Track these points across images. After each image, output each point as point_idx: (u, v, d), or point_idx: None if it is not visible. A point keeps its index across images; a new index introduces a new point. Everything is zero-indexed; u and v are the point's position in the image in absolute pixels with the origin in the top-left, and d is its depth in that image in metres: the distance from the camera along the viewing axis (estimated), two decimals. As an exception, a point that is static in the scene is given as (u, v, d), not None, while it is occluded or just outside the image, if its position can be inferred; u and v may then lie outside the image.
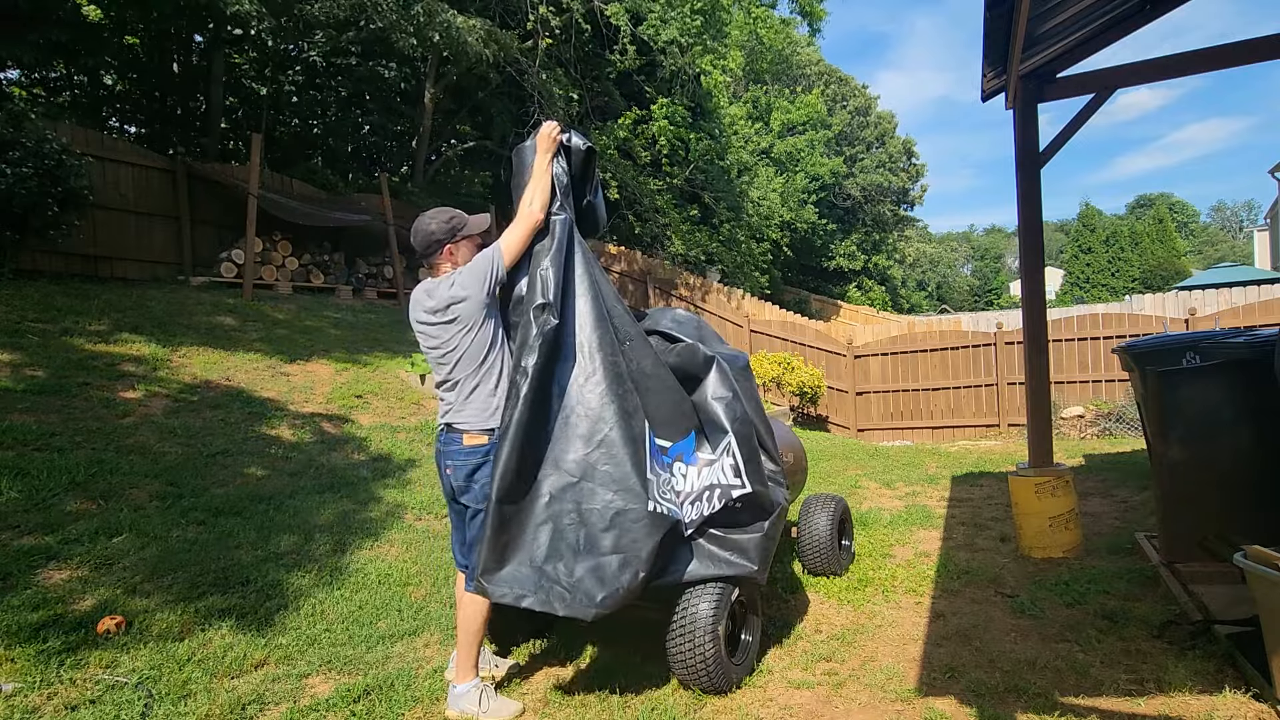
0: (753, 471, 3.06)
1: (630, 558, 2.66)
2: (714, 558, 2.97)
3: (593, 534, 2.70)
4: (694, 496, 3.02)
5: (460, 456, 2.80)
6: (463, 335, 2.81)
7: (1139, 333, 10.01)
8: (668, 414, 3.06)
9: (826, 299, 25.30)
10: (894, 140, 31.27)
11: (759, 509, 3.07)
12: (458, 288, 2.80)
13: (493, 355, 2.83)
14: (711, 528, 3.02)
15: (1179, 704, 2.68)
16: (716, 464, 3.08)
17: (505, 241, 2.87)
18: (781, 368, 11.70)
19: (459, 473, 2.81)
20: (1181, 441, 3.75)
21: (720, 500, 2.99)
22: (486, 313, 2.81)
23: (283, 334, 8.34)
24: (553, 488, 2.75)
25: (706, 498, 3.01)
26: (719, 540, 3.01)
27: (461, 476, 2.80)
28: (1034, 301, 4.79)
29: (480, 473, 2.78)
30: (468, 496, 2.81)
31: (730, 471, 3.04)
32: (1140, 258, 37.18)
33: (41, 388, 5.45)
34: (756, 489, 3.02)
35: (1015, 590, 3.98)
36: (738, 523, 3.05)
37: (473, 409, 2.81)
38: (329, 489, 5.19)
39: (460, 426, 2.82)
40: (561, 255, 2.90)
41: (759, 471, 3.10)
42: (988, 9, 3.77)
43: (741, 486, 3.00)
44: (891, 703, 2.84)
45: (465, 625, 2.81)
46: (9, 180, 6.98)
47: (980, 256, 63.90)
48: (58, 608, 3.28)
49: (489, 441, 2.78)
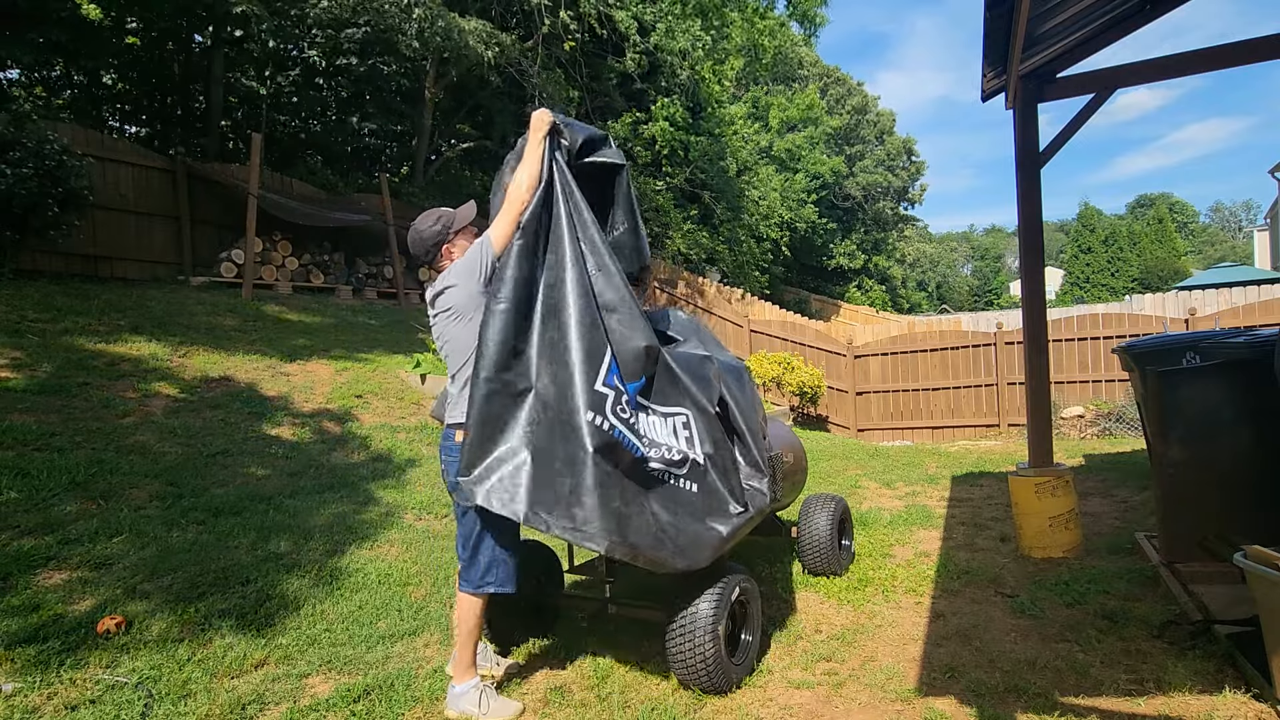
0: (716, 455, 2.99)
1: (574, 469, 2.62)
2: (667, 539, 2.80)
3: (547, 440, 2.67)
4: (653, 443, 2.93)
5: (454, 452, 2.80)
6: (452, 324, 2.81)
7: (1139, 333, 10.01)
8: (629, 353, 2.94)
9: (826, 299, 25.33)
10: (893, 138, 31.30)
11: (717, 502, 2.97)
12: (451, 275, 2.82)
13: None
14: (670, 504, 2.90)
15: (1179, 704, 2.68)
16: (674, 420, 3.00)
17: (494, 231, 2.84)
18: (781, 368, 11.70)
19: (452, 468, 2.80)
20: (1181, 441, 3.74)
21: (679, 455, 2.91)
22: (479, 304, 2.79)
23: (283, 334, 8.34)
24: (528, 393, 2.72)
25: (666, 449, 2.92)
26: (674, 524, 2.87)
27: (454, 473, 2.80)
28: (1034, 301, 4.79)
29: None
30: (460, 493, 2.81)
31: (684, 439, 2.97)
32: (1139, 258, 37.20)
33: (41, 388, 5.45)
34: (714, 475, 2.96)
35: (1015, 590, 3.98)
36: (695, 510, 2.93)
37: (465, 404, 2.80)
38: (329, 489, 5.19)
39: (454, 422, 2.82)
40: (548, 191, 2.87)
41: (725, 460, 3.04)
42: (988, 9, 3.77)
43: (694, 454, 2.94)
44: (891, 703, 2.84)
45: (460, 623, 2.82)
46: (9, 180, 6.98)
47: (980, 256, 63.93)
48: (58, 608, 3.28)
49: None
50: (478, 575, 2.78)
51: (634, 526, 2.68)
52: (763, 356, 12.03)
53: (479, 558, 2.78)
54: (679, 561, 2.74)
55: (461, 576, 2.84)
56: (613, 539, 2.58)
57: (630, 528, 2.66)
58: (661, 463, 2.88)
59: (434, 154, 15.61)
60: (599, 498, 2.60)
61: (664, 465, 2.89)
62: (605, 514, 2.60)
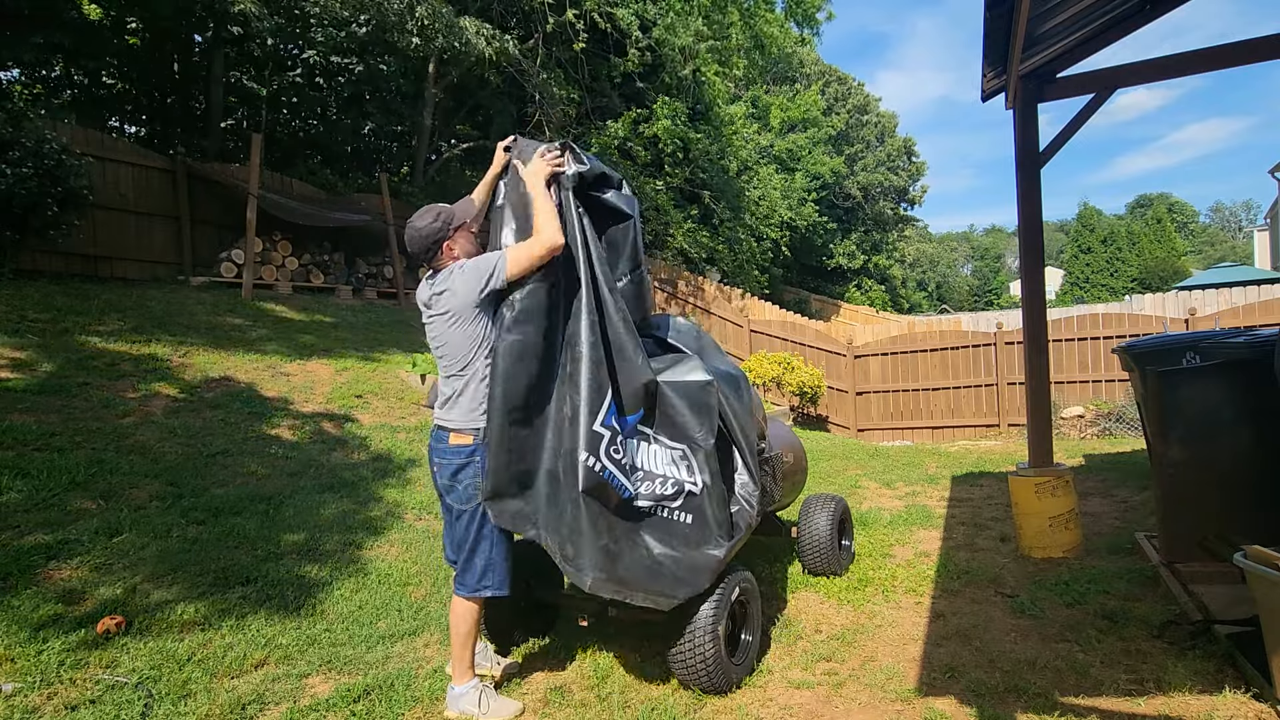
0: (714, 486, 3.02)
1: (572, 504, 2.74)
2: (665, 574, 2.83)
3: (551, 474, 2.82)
4: (648, 475, 2.97)
5: (445, 455, 2.81)
6: (449, 327, 2.80)
7: (1139, 333, 10.01)
8: (631, 386, 2.98)
9: (826, 299, 25.32)
10: (894, 139, 31.29)
11: (713, 528, 2.98)
12: (454, 279, 2.79)
13: (481, 356, 2.80)
14: (664, 537, 2.93)
15: (1179, 704, 2.68)
16: (673, 452, 3.04)
17: (515, 254, 2.78)
18: (781, 368, 11.70)
19: (444, 471, 2.81)
20: (1181, 441, 3.74)
21: (673, 488, 2.95)
22: (478, 312, 2.78)
23: (283, 334, 8.34)
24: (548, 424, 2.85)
25: (661, 481, 2.96)
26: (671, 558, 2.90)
27: (446, 475, 2.81)
28: (1034, 301, 4.79)
29: (464, 473, 2.78)
30: (452, 496, 2.81)
31: (685, 468, 3.01)
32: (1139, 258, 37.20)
33: (41, 388, 5.45)
34: (710, 504, 2.98)
35: (1015, 590, 3.98)
36: (689, 540, 2.95)
37: (460, 408, 2.81)
38: (329, 489, 5.19)
39: (447, 425, 2.82)
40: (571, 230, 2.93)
41: (722, 489, 3.08)
42: (988, 9, 3.77)
43: (694, 485, 2.97)
44: (891, 703, 2.84)
45: (456, 626, 2.82)
46: (9, 180, 6.98)
47: (980, 256, 63.93)
48: (57, 608, 3.28)
49: (474, 442, 2.78)
50: (474, 580, 2.79)
51: (625, 563, 2.77)
52: (763, 356, 12.03)
53: (475, 561, 2.78)
54: (680, 590, 2.79)
55: (457, 580, 2.84)
56: (597, 575, 2.68)
57: (620, 564, 2.76)
58: (652, 499, 2.94)
59: (434, 154, 15.61)
60: (589, 538, 2.71)
61: (654, 501, 2.94)
62: (594, 551, 2.70)
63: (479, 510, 2.76)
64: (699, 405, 3.09)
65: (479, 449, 2.77)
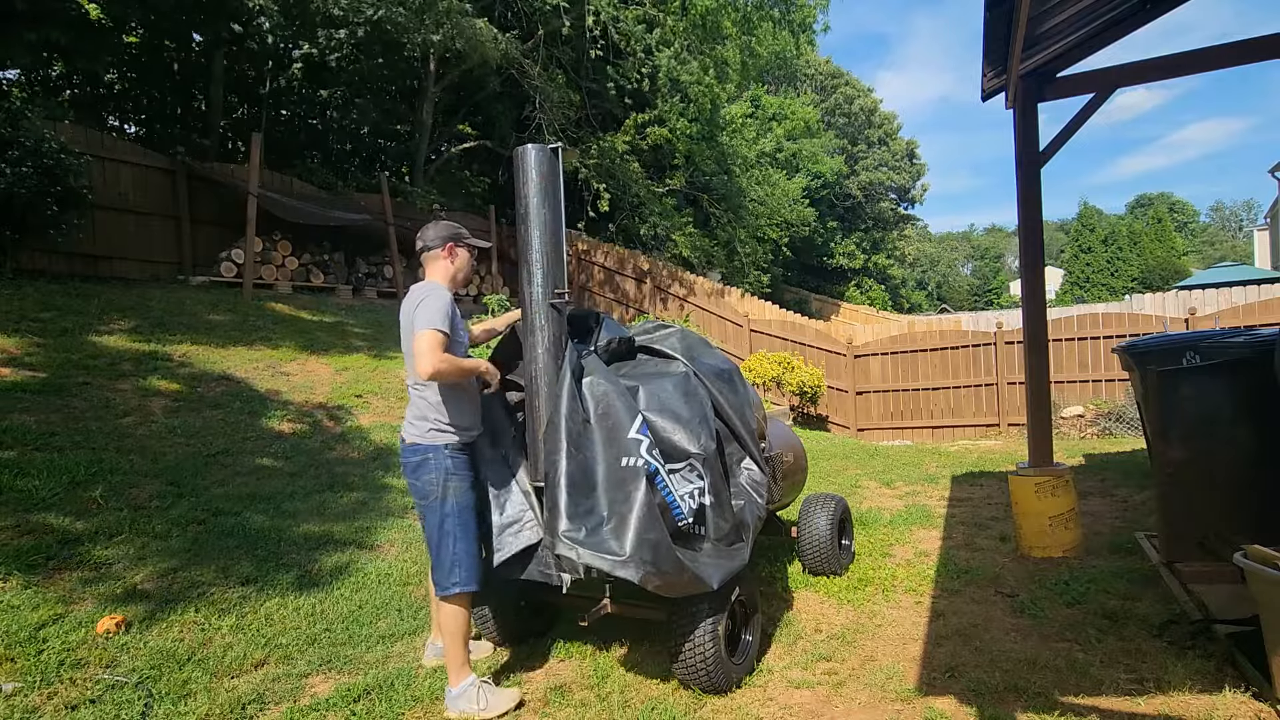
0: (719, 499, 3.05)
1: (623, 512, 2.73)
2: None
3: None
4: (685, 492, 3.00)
5: (403, 454, 2.94)
6: (409, 342, 2.87)
7: (1139, 332, 10.00)
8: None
9: (826, 298, 25.32)
10: (897, 141, 31.30)
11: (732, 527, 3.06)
12: (429, 299, 2.80)
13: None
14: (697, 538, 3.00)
15: (1179, 703, 2.68)
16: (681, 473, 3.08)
17: (421, 345, 2.72)
18: (781, 367, 11.69)
19: (405, 470, 2.93)
20: (1181, 441, 3.74)
21: (699, 498, 2.98)
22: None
23: (282, 333, 8.34)
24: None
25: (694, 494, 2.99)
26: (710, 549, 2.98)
27: (408, 473, 2.92)
28: (1034, 301, 4.79)
29: (419, 471, 2.86)
30: (414, 493, 2.92)
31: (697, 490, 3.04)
32: (1139, 257, 37.15)
33: (42, 387, 5.45)
34: (724, 513, 3.04)
35: (1015, 590, 3.98)
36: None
37: (412, 414, 2.93)
38: (329, 488, 5.19)
39: (402, 431, 2.97)
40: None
41: (725, 505, 3.10)
42: (988, 9, 3.77)
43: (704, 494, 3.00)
44: (891, 702, 2.84)
45: (446, 627, 2.85)
46: (8, 179, 6.98)
47: (980, 256, 63.90)
48: (58, 607, 3.28)
49: (425, 443, 2.86)
50: (444, 577, 2.83)
51: (663, 555, 2.76)
52: (763, 356, 12.03)
53: (442, 558, 2.84)
54: (714, 576, 2.82)
55: (434, 580, 2.90)
56: (647, 569, 2.65)
57: (661, 557, 2.74)
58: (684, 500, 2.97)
59: (434, 153, 15.61)
60: (639, 530, 2.70)
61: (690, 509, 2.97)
62: (641, 545, 2.68)
63: (439, 506, 2.83)
64: (694, 419, 3.10)
65: (431, 449, 2.85)
